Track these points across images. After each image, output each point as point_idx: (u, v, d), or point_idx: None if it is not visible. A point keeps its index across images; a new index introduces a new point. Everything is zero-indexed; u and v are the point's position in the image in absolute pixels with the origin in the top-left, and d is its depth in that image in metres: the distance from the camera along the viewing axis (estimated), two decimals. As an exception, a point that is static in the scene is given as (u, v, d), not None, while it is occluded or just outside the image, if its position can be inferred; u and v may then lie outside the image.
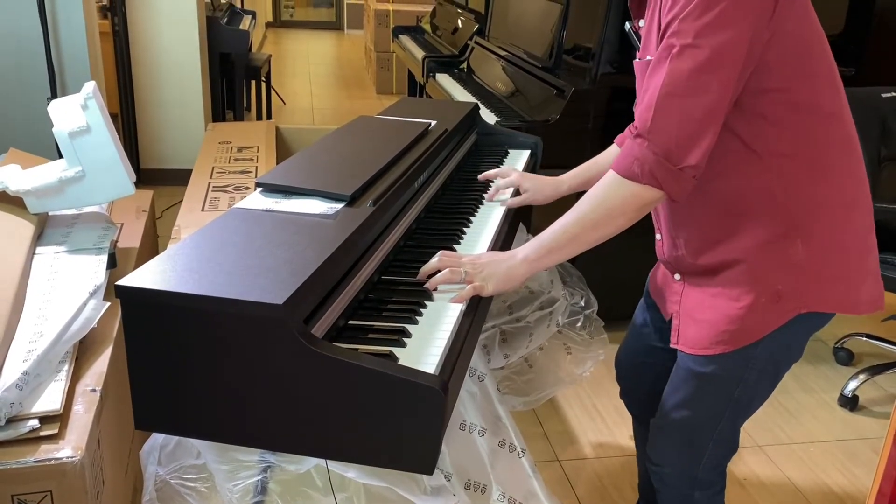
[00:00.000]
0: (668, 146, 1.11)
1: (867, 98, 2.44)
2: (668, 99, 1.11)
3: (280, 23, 11.60)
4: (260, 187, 1.35)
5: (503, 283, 1.23)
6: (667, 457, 1.43)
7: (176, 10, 4.01)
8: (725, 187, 1.21)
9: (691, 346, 1.31)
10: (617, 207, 1.16)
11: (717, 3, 1.06)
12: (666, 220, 1.34)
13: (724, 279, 1.25)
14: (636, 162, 1.13)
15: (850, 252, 1.24)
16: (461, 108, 2.14)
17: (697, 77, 1.09)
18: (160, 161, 4.21)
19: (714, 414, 1.34)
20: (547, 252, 1.22)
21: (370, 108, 6.40)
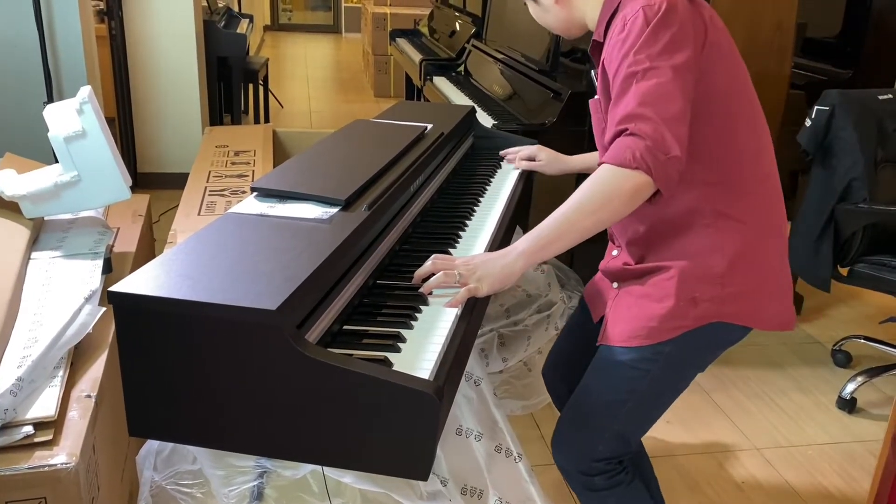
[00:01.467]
0: (656, 136, 1.18)
1: (864, 100, 2.44)
2: (644, 107, 1.19)
3: (278, 26, 11.61)
4: (255, 192, 1.35)
5: (499, 282, 1.23)
6: (564, 443, 1.49)
7: (173, 14, 4.01)
8: (668, 205, 1.31)
9: (612, 339, 1.40)
10: (611, 192, 1.20)
11: (664, 32, 1.20)
12: (621, 233, 1.44)
13: (652, 283, 1.36)
14: (628, 150, 1.18)
15: (764, 273, 1.35)
16: (458, 111, 2.14)
17: (664, 88, 1.19)
18: (157, 165, 4.21)
19: (616, 401, 1.41)
20: (545, 243, 1.23)
21: (368, 111, 6.39)
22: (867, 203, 2.31)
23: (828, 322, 3.07)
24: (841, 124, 2.37)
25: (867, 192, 2.32)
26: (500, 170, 2.00)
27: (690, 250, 1.33)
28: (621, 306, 1.41)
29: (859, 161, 2.34)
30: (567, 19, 1.44)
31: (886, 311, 3.10)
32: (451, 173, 1.90)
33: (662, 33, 1.21)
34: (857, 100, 2.42)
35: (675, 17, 1.22)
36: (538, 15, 1.48)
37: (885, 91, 2.54)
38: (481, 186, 1.85)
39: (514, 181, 1.92)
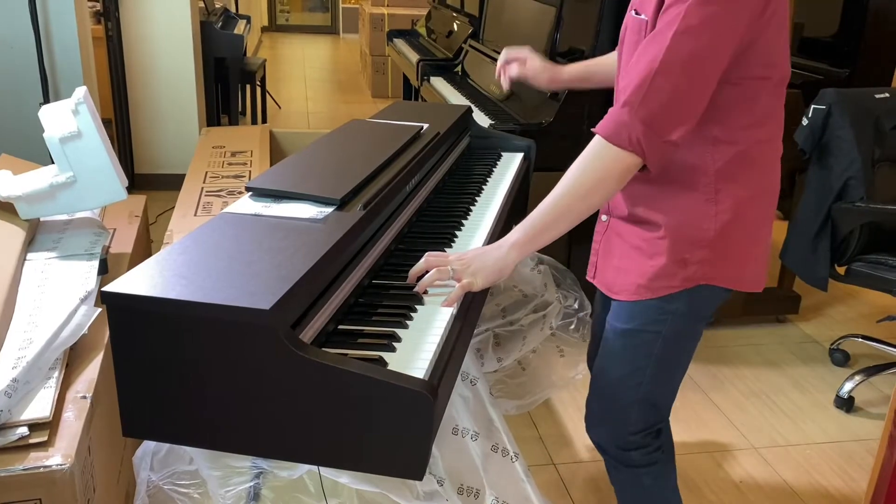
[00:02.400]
0: (657, 118, 1.16)
1: (861, 99, 2.44)
2: (663, 77, 1.14)
3: (275, 27, 11.60)
4: (250, 192, 1.35)
5: (493, 275, 1.23)
6: (598, 421, 1.51)
7: (170, 15, 4.01)
8: (672, 160, 1.27)
9: (606, 287, 1.43)
10: (602, 172, 1.20)
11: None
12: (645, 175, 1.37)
13: (643, 236, 1.35)
14: (624, 129, 1.17)
15: (752, 238, 1.34)
16: (454, 111, 2.14)
17: (694, 63, 1.14)
18: (154, 166, 4.20)
19: (636, 369, 1.41)
20: (538, 232, 1.23)
21: (365, 111, 6.39)
22: (864, 202, 2.31)
23: (826, 321, 3.07)
24: (838, 123, 2.37)
25: (864, 191, 2.32)
26: (496, 169, 2.00)
27: (685, 209, 1.30)
28: (610, 246, 1.43)
29: (856, 160, 2.34)
30: None
31: (884, 309, 3.10)
32: (448, 173, 1.90)
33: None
34: (853, 99, 2.42)
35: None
36: None
37: (882, 90, 2.54)
38: (478, 185, 1.85)
39: (511, 180, 1.92)
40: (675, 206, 1.31)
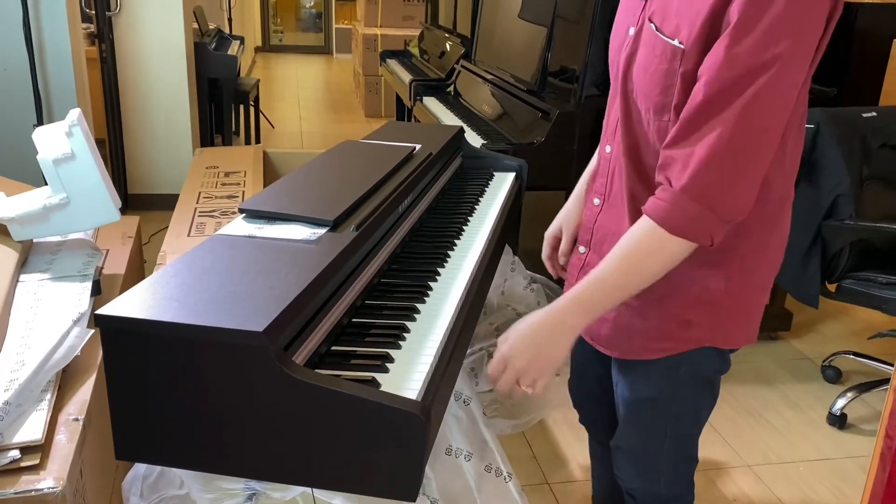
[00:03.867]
0: (726, 205, 1.02)
1: (848, 118, 2.47)
2: (733, 156, 0.99)
3: (269, 47, 11.67)
4: (243, 213, 1.35)
5: (551, 370, 1.15)
6: (629, 477, 1.44)
7: (164, 36, 4.03)
8: None
9: (604, 345, 1.32)
10: (665, 262, 1.07)
11: (811, 6, 0.96)
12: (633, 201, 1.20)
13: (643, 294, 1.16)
14: (693, 223, 1.03)
15: (755, 294, 1.24)
16: (446, 131, 2.15)
17: (769, 132, 1.00)
18: (148, 186, 4.21)
19: (657, 433, 1.34)
20: (598, 314, 1.13)
21: (359, 131, 6.42)
22: (853, 219, 2.33)
23: (817, 338, 3.09)
24: (826, 142, 2.39)
25: (853, 209, 2.34)
26: (488, 189, 2.02)
27: (693, 263, 1.12)
28: None
29: (845, 178, 2.36)
30: None
31: (875, 326, 3.12)
32: (440, 193, 1.91)
33: (809, 5, 0.95)
34: (841, 118, 2.45)
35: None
36: None
37: (869, 109, 2.57)
38: (470, 205, 1.86)
39: (503, 200, 1.93)
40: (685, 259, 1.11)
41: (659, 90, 1.08)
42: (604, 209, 1.28)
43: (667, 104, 1.08)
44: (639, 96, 1.13)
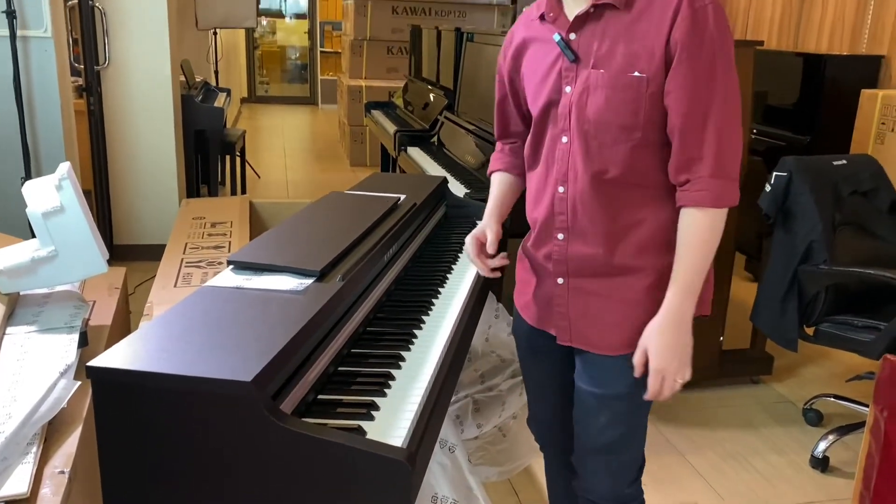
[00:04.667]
0: (734, 170, 1.29)
1: (820, 166, 2.54)
2: (727, 135, 1.27)
3: (255, 98, 11.80)
4: (231, 265, 1.38)
5: (689, 359, 1.32)
6: (600, 480, 1.50)
7: (151, 89, 4.09)
8: (664, 202, 1.36)
9: (596, 345, 1.42)
10: (718, 233, 1.31)
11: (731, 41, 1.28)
12: (605, 220, 1.37)
13: (629, 286, 1.38)
14: (726, 193, 1.28)
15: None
16: (430, 182, 2.21)
17: (738, 110, 1.28)
18: (134, 237, 4.22)
19: (634, 426, 1.46)
20: (699, 292, 1.31)
21: (344, 180, 6.48)
22: (827, 264, 2.38)
23: (799, 381, 3.12)
24: (798, 189, 2.46)
25: (827, 254, 2.40)
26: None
27: (664, 246, 1.35)
28: (591, 309, 1.41)
29: (818, 224, 2.42)
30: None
31: (854, 368, 3.16)
32: (425, 242, 1.95)
33: (730, 42, 1.27)
34: (812, 166, 2.52)
35: None
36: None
37: (840, 157, 2.65)
38: (454, 255, 1.90)
39: (486, 249, 1.97)
40: (659, 247, 1.36)
41: (628, 115, 1.29)
42: (570, 240, 1.41)
43: (636, 123, 1.30)
44: (601, 129, 1.32)
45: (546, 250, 1.45)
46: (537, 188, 1.45)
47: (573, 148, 1.36)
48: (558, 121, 1.37)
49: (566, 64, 1.34)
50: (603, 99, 1.30)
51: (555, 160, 1.39)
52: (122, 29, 3.99)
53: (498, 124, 1.61)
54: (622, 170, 1.33)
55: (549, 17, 1.36)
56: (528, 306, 1.53)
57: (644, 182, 1.34)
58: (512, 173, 1.58)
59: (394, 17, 7.36)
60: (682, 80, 1.25)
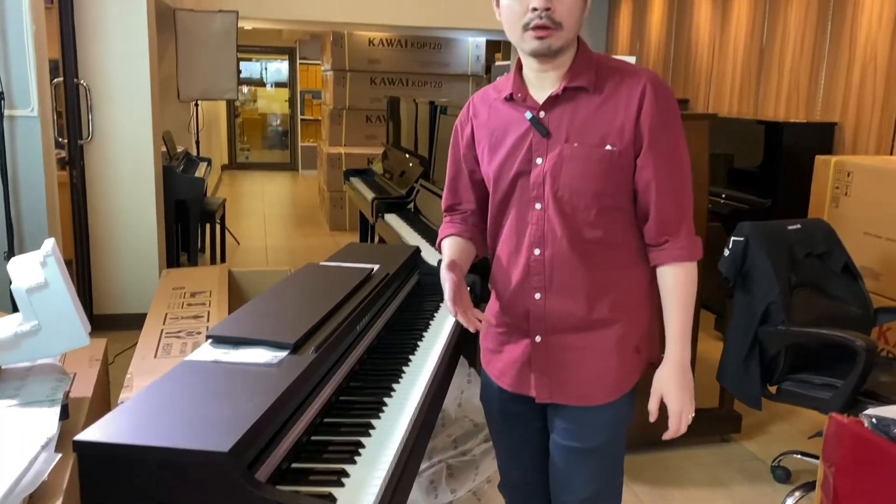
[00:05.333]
0: (694, 227, 1.48)
1: (775, 230, 2.67)
2: (689, 195, 1.46)
3: (236, 165, 11.96)
4: (210, 338, 1.46)
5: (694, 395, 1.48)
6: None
7: (133, 162, 4.19)
8: (642, 266, 1.51)
9: (576, 399, 1.51)
10: (696, 279, 1.49)
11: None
12: (583, 277, 1.48)
13: (604, 338, 1.49)
14: (698, 247, 1.47)
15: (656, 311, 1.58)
16: (403, 252, 2.30)
17: (688, 180, 1.47)
18: (114, 306, 4.26)
19: (614, 475, 1.58)
20: (687, 342, 1.47)
21: (323, 245, 6.57)
22: (785, 325, 2.49)
23: (768, 439, 3.19)
24: (755, 253, 2.58)
25: (785, 315, 2.51)
26: (443, 305, 2.14)
27: (633, 300, 1.50)
28: (570, 363, 1.50)
29: (775, 286, 2.54)
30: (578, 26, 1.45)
31: (820, 424, 3.23)
32: (397, 311, 2.03)
33: (677, 109, 1.45)
34: (768, 230, 2.65)
35: None
36: (574, 2, 1.39)
37: (794, 221, 2.78)
38: (425, 322, 1.98)
39: (456, 317, 2.05)
40: (626, 298, 1.49)
41: (600, 183, 1.44)
42: (548, 298, 1.50)
43: (607, 190, 1.44)
44: (575, 195, 1.45)
45: (521, 310, 1.53)
46: (509, 253, 1.54)
47: (549, 214, 1.47)
48: (529, 189, 1.48)
49: (537, 139, 1.46)
50: (578, 169, 1.44)
51: (527, 225, 1.50)
52: (106, 104, 4.11)
53: (450, 198, 1.69)
54: (597, 231, 1.46)
55: (517, 97, 1.48)
56: (504, 372, 1.58)
57: (615, 242, 1.47)
58: (463, 237, 1.65)
59: (372, 87, 7.59)
60: (656, 159, 1.42)
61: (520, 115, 1.48)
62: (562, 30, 1.38)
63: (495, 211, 1.56)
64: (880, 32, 3.97)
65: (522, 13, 1.38)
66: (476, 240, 1.65)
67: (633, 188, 1.46)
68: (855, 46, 4.14)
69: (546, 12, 1.36)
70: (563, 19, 1.37)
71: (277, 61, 12.30)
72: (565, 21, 1.38)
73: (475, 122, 1.58)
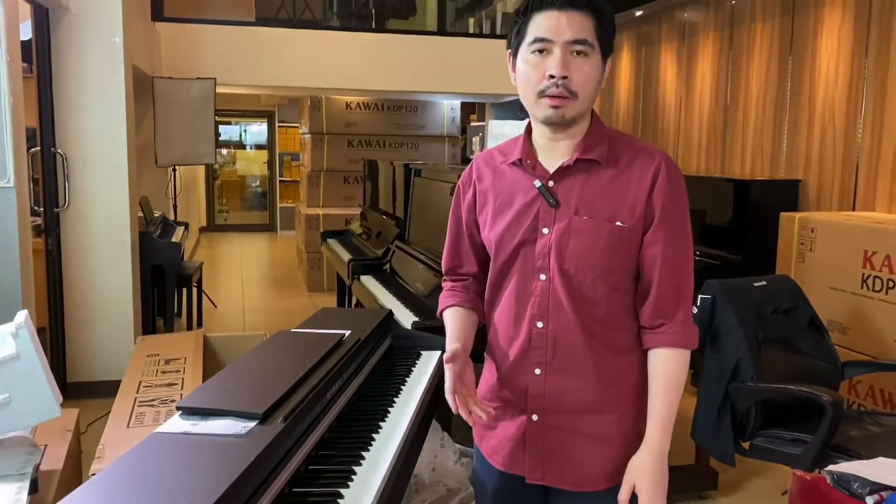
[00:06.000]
0: (692, 316, 1.45)
1: (741, 288, 2.73)
2: (688, 279, 1.44)
3: (214, 226, 11.98)
4: (180, 410, 1.47)
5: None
6: None
7: (110, 229, 4.21)
8: (641, 352, 1.47)
9: (572, 483, 1.47)
10: (687, 369, 1.44)
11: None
12: (586, 355, 1.44)
13: (606, 422, 1.45)
14: (694, 335, 1.43)
15: None
16: (375, 316, 2.32)
17: (690, 273, 1.45)
18: (88, 374, 4.22)
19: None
20: (670, 428, 1.42)
21: (301, 307, 6.57)
22: (754, 381, 2.53)
23: (745, 495, 3.20)
24: (723, 310, 2.64)
25: (754, 371, 2.55)
26: (415, 369, 2.16)
27: (635, 384, 1.45)
28: (568, 446, 1.46)
29: (743, 342, 2.58)
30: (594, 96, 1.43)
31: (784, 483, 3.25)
32: (369, 377, 2.04)
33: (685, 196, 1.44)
34: (735, 288, 2.71)
35: None
36: (591, 73, 1.39)
37: (760, 278, 2.85)
38: (397, 387, 1.99)
39: (428, 380, 2.07)
40: (631, 382, 1.46)
41: (608, 259, 1.41)
42: (548, 375, 1.46)
43: (614, 268, 1.41)
44: (582, 270, 1.42)
45: (519, 386, 1.48)
46: (508, 323, 1.49)
47: (554, 286, 1.43)
48: (534, 259, 1.45)
49: (545, 208, 1.43)
50: (586, 243, 1.41)
51: (529, 296, 1.46)
52: (83, 172, 4.15)
53: (449, 261, 1.64)
54: (603, 310, 1.43)
55: (526, 163, 1.46)
56: (496, 450, 1.54)
57: (620, 323, 1.44)
58: (465, 307, 1.59)
59: (349, 149, 7.72)
60: (665, 238, 1.40)
61: (527, 182, 1.46)
62: (577, 100, 1.37)
63: (495, 277, 1.52)
64: (837, 91, 4.13)
65: (539, 80, 1.37)
66: (478, 309, 1.61)
67: (636, 267, 1.44)
68: (814, 104, 4.30)
69: (563, 80, 1.35)
70: (578, 89, 1.37)
71: (257, 124, 12.46)
72: (581, 91, 1.37)
73: (478, 185, 1.55)
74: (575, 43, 1.36)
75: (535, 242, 1.44)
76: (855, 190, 4.00)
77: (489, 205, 1.51)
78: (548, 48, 1.36)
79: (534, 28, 1.38)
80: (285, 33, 6.47)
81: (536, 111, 1.41)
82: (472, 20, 8.60)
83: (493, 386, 1.54)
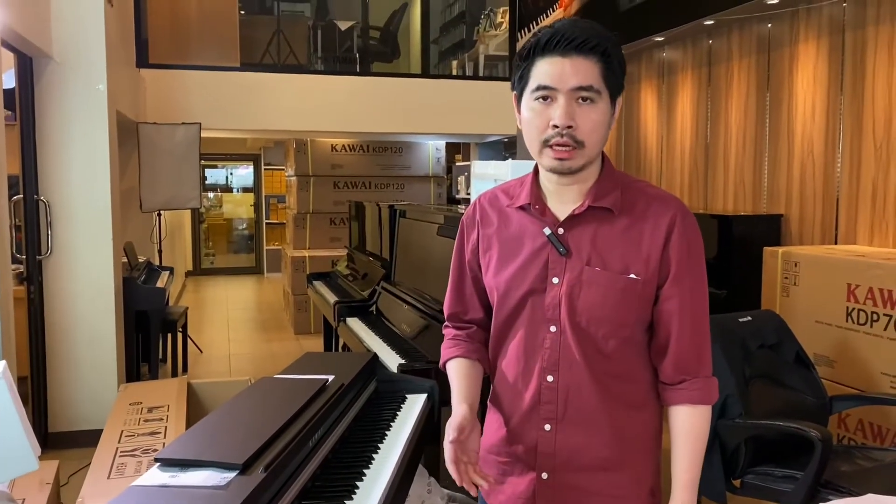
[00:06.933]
0: (711, 370, 1.42)
1: (726, 324, 2.73)
2: (707, 333, 1.39)
3: (200, 270, 11.93)
4: (158, 462, 1.44)
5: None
6: None
7: (93, 276, 4.17)
8: (657, 404, 1.43)
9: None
10: (710, 424, 1.42)
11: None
12: (599, 411, 1.39)
13: (616, 482, 1.40)
14: (714, 390, 1.40)
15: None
16: (360, 359, 2.30)
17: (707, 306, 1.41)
18: (70, 423, 4.14)
19: None
20: (695, 490, 1.38)
21: (287, 350, 6.51)
22: (742, 418, 2.52)
23: (739, 533, 3.16)
24: (709, 347, 2.63)
25: (742, 408, 2.54)
26: (400, 413, 2.13)
27: (649, 440, 1.41)
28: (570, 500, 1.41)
29: (730, 379, 2.57)
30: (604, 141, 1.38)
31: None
32: (353, 421, 2.01)
33: (702, 253, 1.40)
34: (720, 324, 2.71)
35: None
36: (598, 120, 1.32)
37: (745, 314, 2.86)
38: (382, 432, 1.97)
39: (414, 424, 2.04)
40: (645, 441, 1.41)
41: (621, 312, 1.36)
42: (558, 431, 1.40)
43: (628, 321, 1.36)
44: (594, 322, 1.36)
45: (528, 442, 1.42)
46: (516, 375, 1.42)
47: (565, 339, 1.37)
48: (544, 310, 1.38)
49: (555, 256, 1.37)
50: (599, 295, 1.35)
51: (539, 348, 1.39)
52: (66, 219, 4.13)
53: (452, 306, 1.56)
54: (615, 364, 1.37)
55: (534, 209, 1.38)
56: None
57: (633, 377, 1.39)
58: (471, 358, 1.50)
59: (335, 191, 7.74)
60: (682, 294, 1.35)
61: (535, 228, 1.39)
62: (584, 149, 1.31)
63: (500, 327, 1.45)
64: (814, 126, 4.19)
65: (543, 129, 1.30)
66: (484, 360, 1.52)
67: (650, 318, 1.38)
68: (793, 139, 4.35)
69: (568, 130, 1.28)
70: (585, 138, 1.30)
71: (243, 167, 12.50)
72: (588, 140, 1.30)
73: (482, 229, 1.47)
74: (580, 90, 1.29)
75: (544, 292, 1.38)
76: (836, 223, 4.04)
77: (493, 249, 1.44)
78: (552, 96, 1.30)
79: (537, 74, 1.31)
80: (270, 78, 6.52)
81: (542, 161, 1.35)
82: (455, 62, 8.71)
83: (501, 439, 1.47)
